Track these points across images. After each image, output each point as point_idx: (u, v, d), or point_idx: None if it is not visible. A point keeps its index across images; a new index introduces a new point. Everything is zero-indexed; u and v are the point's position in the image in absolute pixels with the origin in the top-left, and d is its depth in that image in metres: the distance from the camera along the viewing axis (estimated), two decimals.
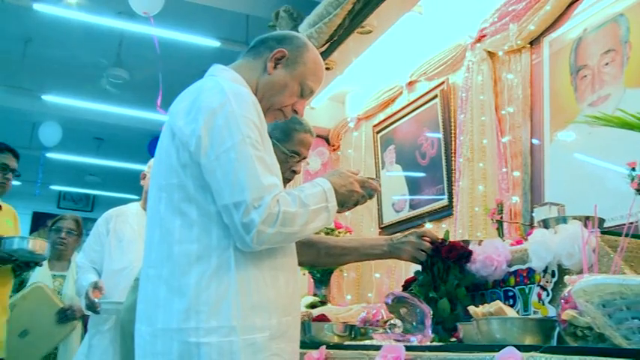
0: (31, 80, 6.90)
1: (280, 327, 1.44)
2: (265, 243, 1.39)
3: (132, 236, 3.33)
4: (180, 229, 1.45)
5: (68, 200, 11.05)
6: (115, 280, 3.21)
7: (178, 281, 1.43)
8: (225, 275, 1.40)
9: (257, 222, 1.35)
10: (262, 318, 1.41)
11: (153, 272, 1.50)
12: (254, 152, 1.40)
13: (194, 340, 1.38)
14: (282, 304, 1.46)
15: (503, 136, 2.89)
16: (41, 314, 3.49)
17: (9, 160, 3.12)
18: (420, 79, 3.65)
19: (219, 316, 1.38)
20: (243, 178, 1.37)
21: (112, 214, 3.46)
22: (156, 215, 1.53)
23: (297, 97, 1.67)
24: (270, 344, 1.41)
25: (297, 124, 2.35)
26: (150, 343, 1.46)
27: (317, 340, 2.19)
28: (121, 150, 8.90)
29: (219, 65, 1.66)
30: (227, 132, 1.40)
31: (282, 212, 1.38)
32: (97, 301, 3.05)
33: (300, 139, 2.33)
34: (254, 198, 1.36)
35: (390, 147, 3.94)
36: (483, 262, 1.95)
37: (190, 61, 6.59)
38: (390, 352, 1.52)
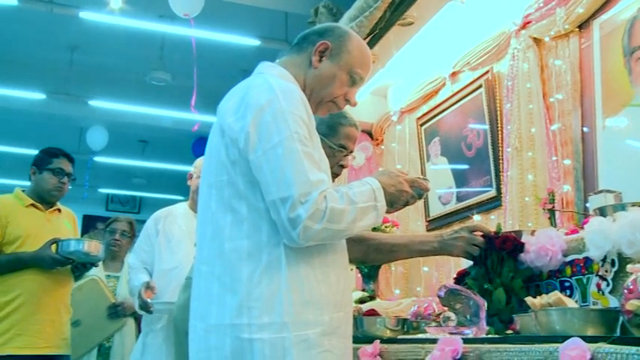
0: (78, 86, 7.08)
1: (332, 323, 1.43)
2: (312, 239, 1.38)
3: (180, 236, 3.37)
4: (230, 226, 1.46)
5: (116, 203, 11.29)
6: (166, 279, 3.26)
7: (230, 278, 1.44)
8: (276, 272, 1.40)
9: (304, 217, 1.34)
10: (314, 314, 1.41)
11: (205, 269, 1.52)
12: (301, 148, 1.40)
13: (247, 336, 1.39)
14: (334, 300, 1.45)
15: (552, 124, 2.82)
16: (94, 307, 3.58)
17: (64, 165, 3.16)
18: (464, 69, 3.60)
19: (271, 313, 1.38)
20: (290, 173, 1.37)
21: (161, 215, 3.51)
22: (207, 212, 1.54)
23: (348, 86, 1.66)
24: (323, 340, 1.41)
25: (342, 118, 2.35)
26: (204, 338, 1.48)
27: (369, 334, 2.18)
28: (165, 152, 9.05)
29: (267, 62, 1.67)
30: (275, 128, 1.41)
31: (329, 208, 1.36)
32: (149, 301, 3.10)
33: (346, 133, 2.34)
34: (301, 193, 1.35)
35: (434, 139, 3.89)
36: (537, 253, 1.91)
37: (231, 61, 6.66)
38: (447, 345, 1.50)
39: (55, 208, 3.17)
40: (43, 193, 3.10)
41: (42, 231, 3.00)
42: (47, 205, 3.13)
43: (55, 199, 3.16)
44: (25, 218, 3.01)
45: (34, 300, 2.90)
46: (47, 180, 3.09)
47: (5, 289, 2.88)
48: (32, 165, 3.15)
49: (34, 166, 3.14)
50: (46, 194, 3.11)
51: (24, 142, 8.49)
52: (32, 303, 2.89)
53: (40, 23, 6.29)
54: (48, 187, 3.09)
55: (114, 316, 3.67)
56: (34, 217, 3.05)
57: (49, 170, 3.10)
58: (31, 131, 8.34)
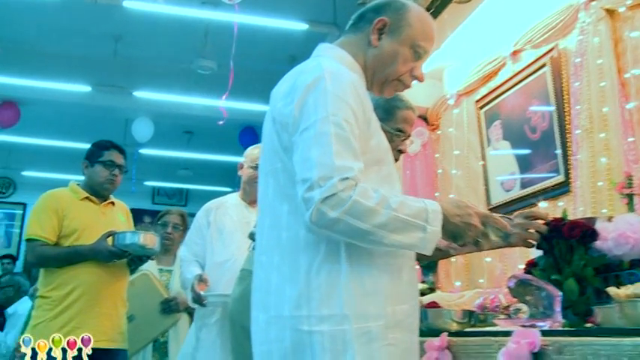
0: (123, 77, 7.21)
1: (396, 316, 1.41)
2: (325, 227, 1.33)
3: (232, 228, 3.39)
4: (287, 215, 1.46)
5: (162, 195, 11.47)
6: (219, 272, 3.27)
7: (289, 268, 1.44)
8: (335, 262, 1.39)
9: (316, 199, 1.31)
10: (376, 306, 1.39)
11: (265, 259, 1.52)
12: (335, 131, 1.36)
13: (306, 328, 1.38)
14: (397, 292, 1.43)
15: (628, 102, 2.72)
16: (147, 302, 3.63)
17: (116, 157, 3.22)
18: (526, 47, 3.50)
19: (330, 304, 1.37)
20: (314, 155, 1.35)
21: (212, 207, 3.53)
22: (265, 201, 1.55)
23: (413, 61, 1.62)
24: (386, 333, 1.39)
25: (398, 101, 2.34)
26: (265, 330, 1.49)
27: (434, 327, 2.15)
28: (211, 142, 9.13)
29: (326, 44, 1.65)
30: (313, 109, 1.39)
31: (353, 200, 1.31)
32: (202, 294, 3.13)
33: (403, 116, 2.32)
34: (320, 177, 1.32)
35: (495, 123, 3.81)
36: (616, 240, 1.84)
37: (278, 47, 6.67)
38: (523, 338, 1.46)
39: (108, 202, 3.24)
40: (96, 187, 3.17)
41: (97, 224, 3.06)
42: (101, 198, 3.20)
43: (108, 192, 3.22)
44: (80, 211, 3.08)
45: (91, 293, 2.97)
46: (99, 173, 3.16)
47: (63, 282, 2.96)
48: (84, 159, 3.22)
49: (86, 160, 3.20)
50: (99, 187, 3.17)
51: (70, 136, 8.72)
52: (90, 296, 2.96)
53: (83, 14, 6.41)
54: (100, 180, 3.16)
55: (167, 311, 3.71)
56: (89, 211, 3.12)
57: (100, 163, 3.16)
58: (77, 124, 8.53)
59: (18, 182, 10.99)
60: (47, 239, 2.97)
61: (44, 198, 3.08)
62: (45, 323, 2.90)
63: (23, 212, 11.01)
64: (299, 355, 1.40)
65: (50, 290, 2.96)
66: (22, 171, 10.52)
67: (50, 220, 2.99)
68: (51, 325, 2.86)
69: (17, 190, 11.06)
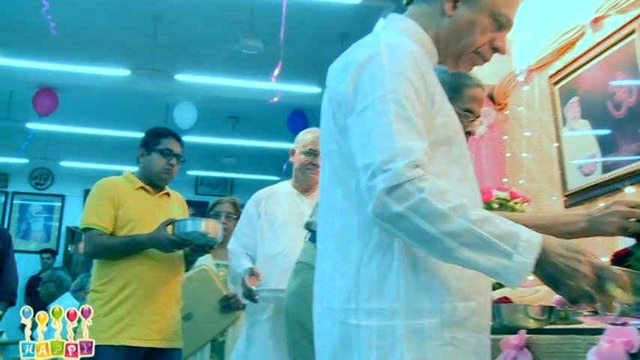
0: (164, 60, 7.29)
1: (456, 313, 1.38)
2: (388, 221, 1.29)
3: (284, 218, 3.40)
4: (341, 200, 1.46)
5: (206, 185, 11.62)
6: (271, 265, 3.29)
7: (340, 257, 1.44)
8: (387, 251, 1.38)
9: (380, 187, 1.27)
10: (431, 301, 1.36)
11: (321, 247, 1.55)
12: (395, 109, 1.33)
13: (354, 322, 1.38)
14: (459, 287, 1.39)
15: None
16: (205, 299, 3.67)
17: (173, 145, 3.28)
18: (610, 13, 3.38)
19: (380, 297, 1.36)
20: (374, 138, 1.32)
21: (262, 196, 3.55)
22: (323, 186, 1.57)
23: (493, 31, 1.56)
24: (442, 332, 1.36)
25: (466, 79, 2.31)
26: (320, 322, 1.51)
27: (509, 324, 2.11)
28: (257, 128, 9.19)
29: (395, 15, 1.62)
30: (370, 88, 1.37)
31: (421, 198, 1.26)
32: (254, 288, 3.15)
33: (471, 95, 2.30)
34: (382, 160, 1.28)
35: (572, 100, 3.71)
36: None
37: (328, 23, 6.65)
38: (618, 336, 1.41)
39: (164, 192, 3.31)
40: (151, 176, 3.24)
41: (152, 215, 3.13)
42: (157, 188, 3.27)
43: (164, 182, 3.29)
44: (135, 201, 3.15)
45: (144, 290, 3.03)
46: (155, 162, 3.23)
47: (116, 276, 3.03)
48: (140, 146, 3.29)
49: (141, 148, 3.28)
50: (155, 177, 3.24)
51: (109, 123, 8.91)
52: (143, 293, 3.02)
53: None
54: (156, 170, 3.22)
55: (226, 309, 3.76)
56: (144, 201, 3.20)
57: (157, 151, 3.23)
58: (116, 111, 8.71)
59: (56, 173, 11.29)
60: (104, 228, 3.04)
61: (100, 186, 3.16)
62: (97, 320, 2.94)
63: (62, 205, 11.31)
64: (346, 350, 1.40)
65: (103, 284, 3.03)
66: (60, 161, 10.80)
67: (107, 209, 3.07)
68: (103, 322, 2.94)
69: (55, 182, 11.36)
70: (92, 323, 2.91)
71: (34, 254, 10.16)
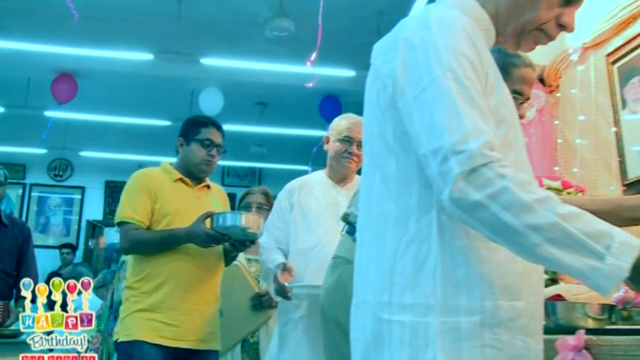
0: (188, 43, 7.32)
1: (499, 312, 1.35)
2: (464, 209, 1.27)
3: (319, 210, 3.41)
4: (379, 186, 1.46)
5: (233, 176, 11.68)
6: (304, 260, 3.31)
7: (376, 247, 1.45)
8: (425, 242, 1.37)
9: (455, 172, 1.25)
10: (470, 298, 1.34)
11: (359, 236, 1.56)
12: (457, 88, 1.32)
13: (386, 316, 1.39)
14: (505, 285, 1.36)
15: None
16: (236, 296, 3.69)
17: (214, 135, 3.29)
18: None
19: (415, 291, 1.36)
20: (440, 119, 1.30)
21: (295, 186, 3.56)
22: (363, 171, 1.58)
23: (560, 6, 1.52)
24: (481, 332, 1.33)
25: (515, 58, 2.29)
26: (354, 315, 1.52)
27: (565, 324, 2.09)
28: (287, 114, 9.22)
29: None
30: (425, 67, 1.35)
31: (503, 187, 1.24)
32: (287, 285, 3.15)
33: (520, 76, 2.28)
34: (454, 142, 1.26)
35: (633, 80, 3.65)
36: None
37: (364, 1, 6.60)
38: None
39: (204, 185, 3.33)
40: (190, 167, 3.26)
41: (191, 209, 3.14)
42: (196, 180, 3.29)
43: (204, 174, 3.31)
44: (173, 194, 3.18)
45: (181, 287, 3.05)
46: (195, 152, 3.24)
47: (152, 273, 3.06)
48: (179, 136, 3.32)
49: (180, 137, 3.30)
50: (194, 168, 3.26)
51: (131, 111, 8.99)
52: (180, 291, 3.04)
53: None
54: (196, 161, 3.24)
55: (259, 308, 3.78)
56: (183, 193, 3.22)
57: (196, 141, 3.24)
58: (138, 98, 8.78)
59: (75, 164, 11.44)
60: (140, 222, 3.08)
61: (136, 178, 3.20)
62: (132, 316, 3.03)
63: (82, 197, 11.47)
64: (378, 346, 1.41)
65: (138, 281, 3.08)
66: (80, 151, 10.95)
67: (143, 202, 3.10)
68: (138, 318, 3.00)
69: (75, 173, 11.52)
70: (128, 319, 3.01)
71: (53, 249, 10.30)
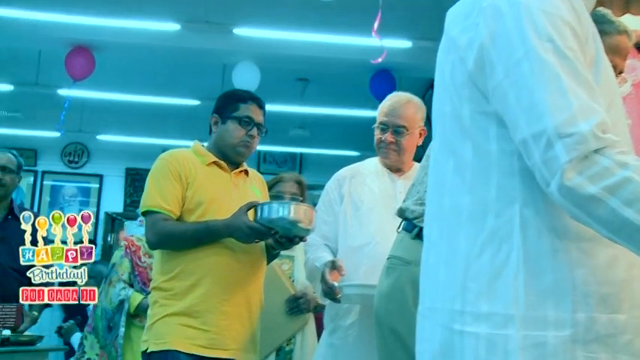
0: (220, 11, 7.33)
1: (595, 327, 1.33)
2: (576, 204, 1.26)
3: (372, 202, 3.41)
4: (452, 175, 1.46)
5: (270, 162, 11.69)
6: (355, 259, 3.30)
7: (446, 246, 1.44)
8: (505, 241, 1.36)
9: (563, 160, 1.24)
10: (560, 309, 1.33)
11: (427, 233, 1.56)
12: (558, 60, 1.30)
13: (458, 327, 1.38)
14: (602, 294, 1.35)
15: None
16: (270, 299, 3.67)
17: (254, 113, 3.21)
18: None
19: (492, 299, 1.35)
20: (541, 97, 1.29)
21: (346, 175, 3.56)
22: (433, 157, 1.58)
23: None
24: (573, 350, 1.32)
25: (607, 24, 2.25)
26: (420, 325, 1.53)
27: None
28: (333, 92, 9.22)
29: None
30: (518, 37, 1.34)
31: (625, 177, 1.23)
32: (336, 285, 3.14)
33: (612, 45, 2.24)
34: (559, 123, 1.25)
35: None
36: None
37: None
38: None
39: (241, 170, 3.27)
40: (226, 149, 3.20)
41: (228, 197, 3.10)
42: (232, 165, 3.23)
43: (242, 157, 3.25)
44: (207, 179, 3.11)
45: (221, 287, 2.99)
46: (232, 132, 3.18)
47: (186, 271, 3.00)
48: (213, 112, 3.27)
49: (215, 114, 3.25)
50: (231, 150, 3.19)
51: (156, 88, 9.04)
52: (219, 291, 2.98)
53: None
54: (233, 142, 3.18)
55: (295, 312, 3.81)
56: (218, 179, 3.16)
57: (234, 119, 3.18)
58: (163, 74, 8.90)
59: (92, 149, 11.52)
60: (171, 212, 3.01)
61: (164, 160, 3.13)
62: (163, 321, 2.97)
63: (100, 186, 11.57)
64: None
65: (168, 280, 3.02)
66: (98, 135, 11.03)
67: (173, 189, 3.04)
68: (170, 324, 2.95)
69: (92, 159, 11.60)
70: (159, 325, 2.98)
71: None
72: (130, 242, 4.46)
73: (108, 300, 4.32)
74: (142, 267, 4.37)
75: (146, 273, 4.31)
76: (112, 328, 4.32)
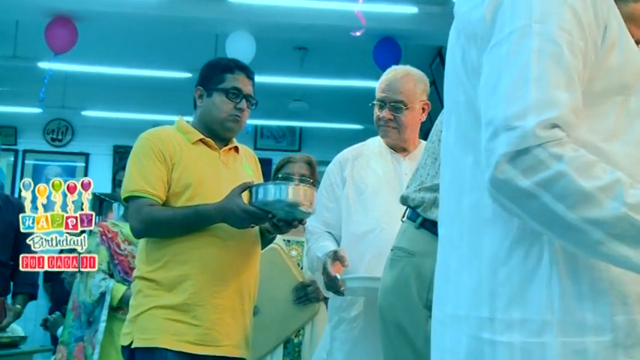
0: None
1: (636, 329, 1.34)
2: (508, 196, 1.27)
3: (376, 186, 3.40)
4: (472, 171, 1.45)
5: (267, 137, 11.65)
6: (360, 247, 3.32)
7: (469, 247, 1.43)
8: (535, 241, 1.35)
9: (499, 152, 1.25)
10: (597, 312, 1.32)
11: (443, 233, 1.55)
12: (540, 45, 1.29)
13: (487, 336, 1.37)
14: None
15: None
16: (276, 288, 3.65)
17: (242, 83, 3.17)
18: None
19: (525, 304, 1.34)
20: (504, 83, 1.29)
21: (348, 157, 3.55)
22: (446, 149, 1.57)
23: None
24: (615, 355, 1.32)
25: None
26: (439, 332, 1.52)
27: None
28: (334, 62, 9.19)
29: None
30: (510, 14, 1.34)
31: (558, 172, 1.22)
32: (339, 277, 3.14)
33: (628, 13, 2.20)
34: (509, 115, 1.25)
35: None
36: None
37: None
38: None
39: (230, 147, 3.23)
40: (213, 125, 3.15)
41: (217, 177, 3.07)
42: (221, 141, 3.19)
43: (231, 132, 3.20)
44: (194, 159, 3.06)
45: (212, 279, 2.95)
46: (219, 105, 3.13)
47: (173, 260, 2.96)
48: (197, 85, 3.22)
49: (199, 87, 3.20)
50: (218, 126, 3.15)
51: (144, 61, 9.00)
52: (210, 283, 2.95)
53: None
54: (220, 116, 3.13)
55: (304, 301, 3.79)
56: (206, 158, 3.11)
57: (220, 91, 3.12)
58: (152, 45, 8.87)
59: (77, 126, 11.46)
60: (156, 197, 2.97)
61: (146, 139, 3.08)
62: (148, 314, 2.94)
63: (85, 165, 11.53)
64: None
65: (155, 271, 2.98)
66: (82, 110, 10.99)
67: (158, 171, 2.98)
68: (156, 319, 2.92)
69: (76, 136, 11.55)
70: (144, 318, 2.94)
71: None
72: (106, 228, 4.37)
73: (87, 292, 4.26)
74: (122, 255, 4.31)
75: (127, 261, 4.26)
76: (91, 322, 4.28)
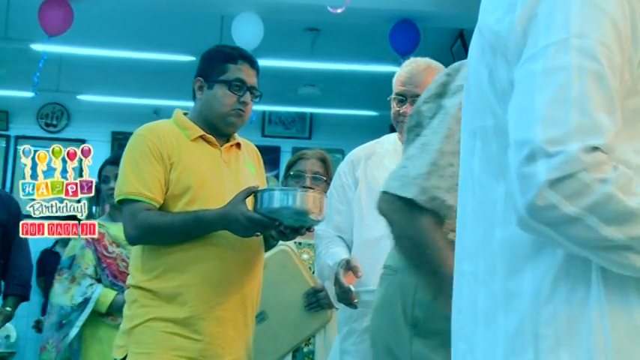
0: None
1: None
2: (548, 223, 1.23)
3: None
4: (505, 201, 1.40)
5: (276, 124, 11.63)
6: (373, 254, 3.27)
7: (504, 285, 1.40)
8: (582, 276, 1.31)
9: (541, 179, 1.20)
10: None
11: (468, 268, 1.52)
12: (579, 63, 1.23)
13: None
14: None
15: None
16: (285, 293, 3.65)
17: (245, 74, 3.14)
18: None
19: (574, 346, 1.30)
20: (539, 103, 1.23)
21: (360, 156, 3.54)
22: (469, 176, 1.53)
23: None
24: None
25: None
26: None
27: None
28: (347, 44, 9.18)
29: None
30: (544, 26, 1.28)
31: (605, 194, 1.19)
32: (353, 288, 3.15)
33: None
34: (549, 138, 1.20)
35: None
36: None
37: None
38: None
39: (232, 143, 3.20)
40: (214, 120, 3.12)
41: (219, 178, 3.05)
42: (222, 137, 3.17)
43: (233, 128, 3.18)
44: (194, 158, 3.03)
45: (212, 289, 2.94)
46: (220, 99, 3.10)
47: (171, 269, 2.95)
48: (197, 76, 3.18)
49: (199, 78, 3.17)
50: (220, 121, 3.12)
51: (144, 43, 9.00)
52: (210, 293, 2.94)
53: None
54: (222, 110, 3.10)
55: (315, 307, 3.79)
56: (207, 157, 3.08)
57: (222, 83, 3.10)
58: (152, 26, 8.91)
59: (73, 110, 11.47)
60: (153, 200, 2.95)
61: (141, 136, 3.05)
62: (144, 327, 2.93)
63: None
64: None
65: (151, 280, 2.97)
66: (78, 94, 10.99)
67: (155, 172, 2.95)
68: (152, 330, 2.92)
69: (72, 122, 11.56)
70: (140, 331, 2.94)
71: None
72: None
73: (69, 296, 4.23)
74: (109, 258, 4.27)
75: (116, 264, 4.25)
76: (63, 325, 4.22)
